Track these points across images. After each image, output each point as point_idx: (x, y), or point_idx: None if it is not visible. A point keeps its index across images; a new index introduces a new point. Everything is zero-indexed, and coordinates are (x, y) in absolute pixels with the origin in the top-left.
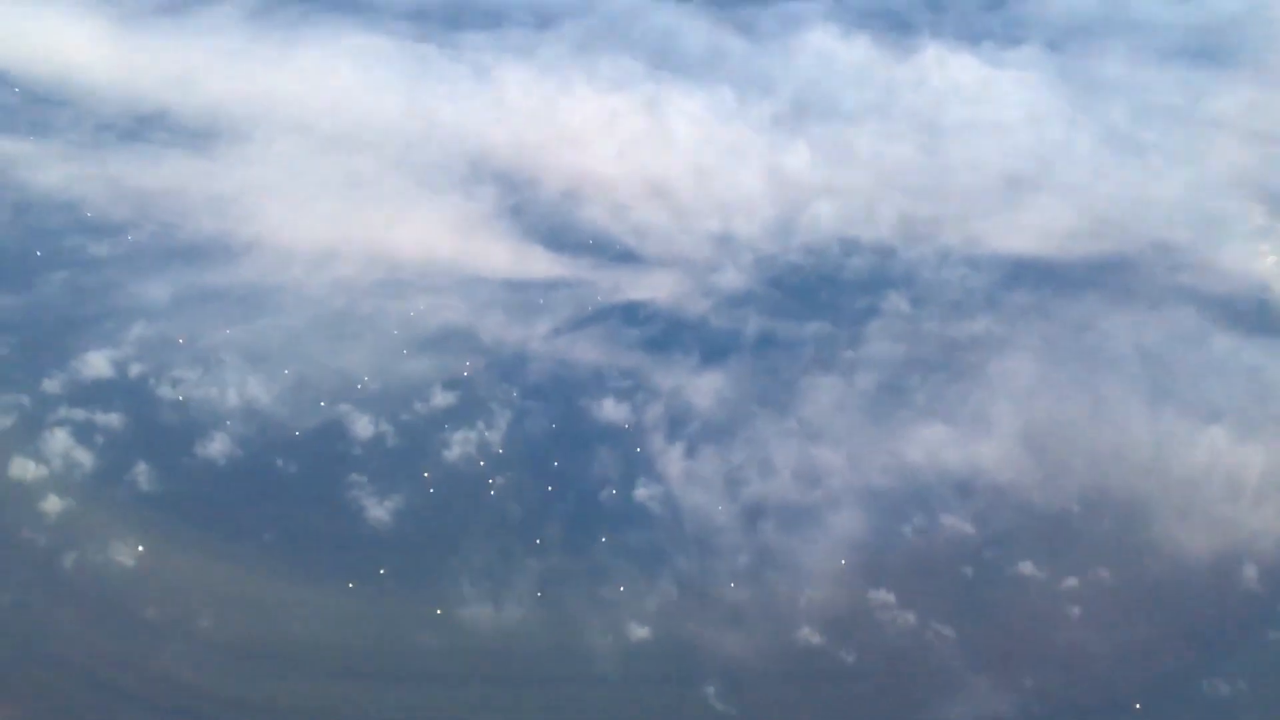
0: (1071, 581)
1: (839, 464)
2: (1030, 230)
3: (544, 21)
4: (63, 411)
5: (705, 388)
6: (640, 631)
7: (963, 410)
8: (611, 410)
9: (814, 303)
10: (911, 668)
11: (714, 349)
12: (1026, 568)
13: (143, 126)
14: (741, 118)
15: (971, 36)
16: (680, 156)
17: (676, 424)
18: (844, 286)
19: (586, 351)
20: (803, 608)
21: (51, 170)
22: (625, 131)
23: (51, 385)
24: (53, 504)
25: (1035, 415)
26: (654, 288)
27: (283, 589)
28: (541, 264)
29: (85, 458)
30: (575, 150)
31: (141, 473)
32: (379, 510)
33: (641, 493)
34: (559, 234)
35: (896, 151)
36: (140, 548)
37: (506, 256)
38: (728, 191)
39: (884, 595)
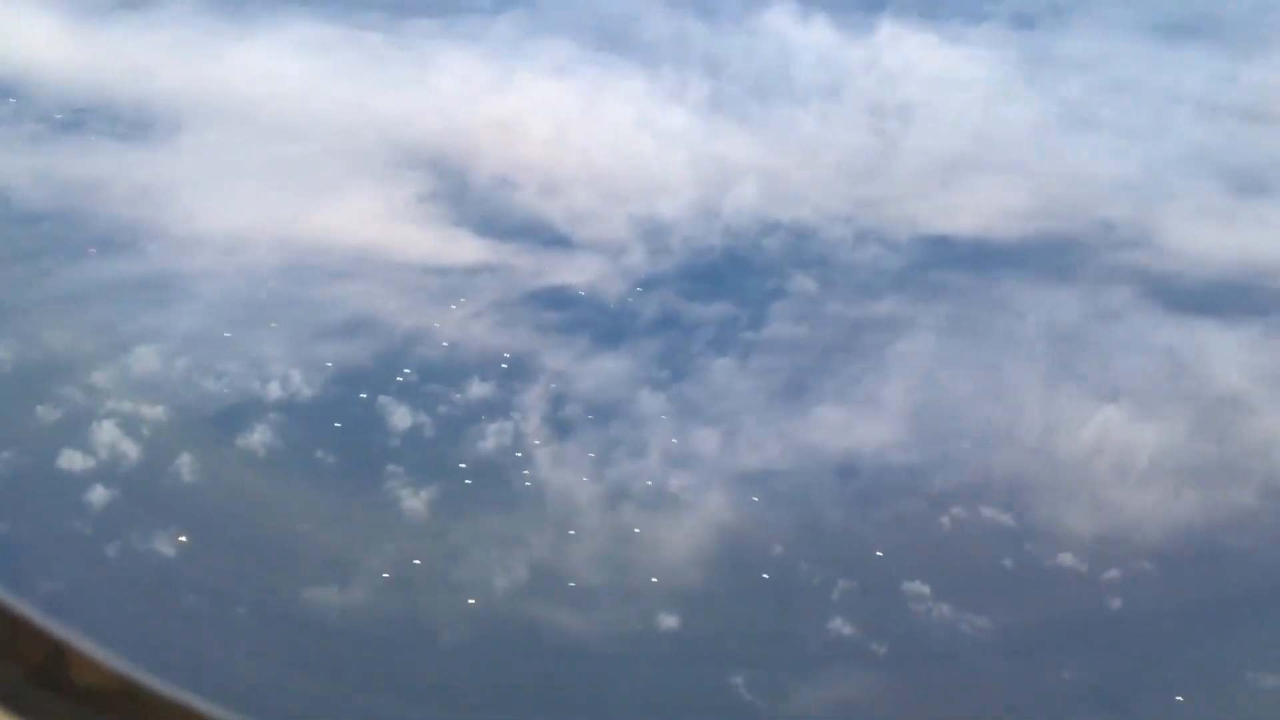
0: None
1: (717, 446)
2: (964, 211)
3: (499, 6)
4: None
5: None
6: (669, 620)
7: (853, 393)
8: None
9: (722, 285)
10: None
11: (611, 332)
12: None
13: (81, 119)
14: (680, 100)
15: (937, 15)
16: (614, 139)
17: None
18: (754, 268)
19: (496, 337)
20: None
21: None
22: (561, 115)
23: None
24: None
25: (925, 397)
26: (578, 272)
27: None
28: (466, 250)
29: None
30: (509, 136)
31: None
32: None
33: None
34: (487, 220)
35: (836, 133)
36: (182, 538)
37: (430, 243)
38: (657, 174)
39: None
